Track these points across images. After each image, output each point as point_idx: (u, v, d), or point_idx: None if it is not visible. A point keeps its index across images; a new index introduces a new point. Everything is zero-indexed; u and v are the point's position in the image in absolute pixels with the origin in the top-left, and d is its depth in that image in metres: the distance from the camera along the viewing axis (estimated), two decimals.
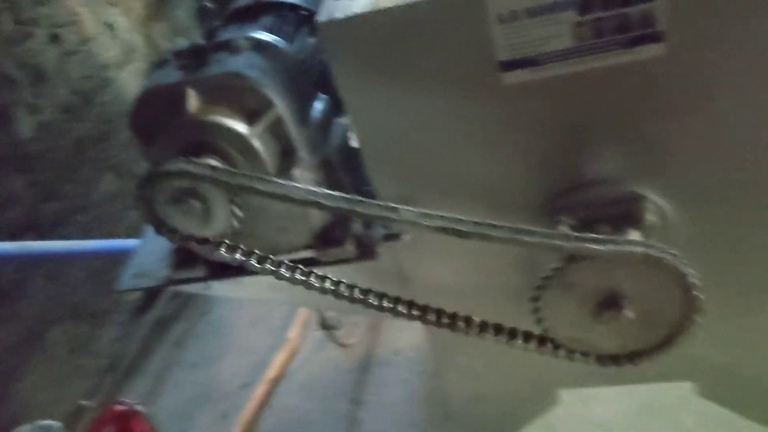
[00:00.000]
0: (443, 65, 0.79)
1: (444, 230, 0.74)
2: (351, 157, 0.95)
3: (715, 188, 0.84)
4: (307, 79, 0.93)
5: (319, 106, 0.91)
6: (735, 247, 0.88)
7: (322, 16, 0.79)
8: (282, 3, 1.03)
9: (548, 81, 0.78)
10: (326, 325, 1.71)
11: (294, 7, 1.03)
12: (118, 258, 1.39)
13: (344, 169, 0.93)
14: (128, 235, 2.22)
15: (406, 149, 0.87)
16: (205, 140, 0.82)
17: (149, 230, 1.13)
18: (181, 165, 0.75)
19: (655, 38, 0.73)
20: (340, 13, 0.78)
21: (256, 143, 0.83)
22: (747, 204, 0.85)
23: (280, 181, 0.75)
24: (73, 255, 1.69)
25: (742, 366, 1.02)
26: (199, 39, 0.96)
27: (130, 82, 2.39)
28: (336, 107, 0.92)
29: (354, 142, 0.93)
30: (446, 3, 0.75)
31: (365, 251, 0.92)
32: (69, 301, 1.99)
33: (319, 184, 0.91)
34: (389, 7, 0.76)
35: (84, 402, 1.52)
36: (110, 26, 2.32)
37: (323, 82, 0.93)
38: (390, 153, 0.88)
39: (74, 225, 2.03)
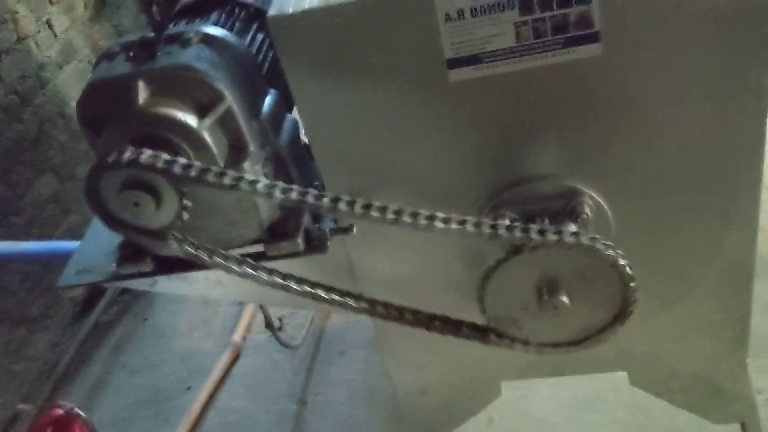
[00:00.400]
0: (392, 61, 0.82)
1: (396, 222, 0.76)
2: (301, 152, 0.96)
3: (644, 183, 0.89)
4: (258, 73, 0.94)
5: (269, 100, 0.92)
6: (660, 241, 0.94)
7: (272, 10, 0.80)
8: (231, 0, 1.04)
9: (491, 78, 0.81)
10: (271, 327, 1.71)
11: (243, 5, 1.04)
12: (55, 261, 1.36)
13: (294, 163, 0.94)
14: (66, 239, 2.17)
15: (354, 143, 0.89)
16: (155, 132, 0.82)
17: (92, 228, 1.12)
18: (129, 155, 0.75)
19: (591, 39, 0.78)
20: (290, 8, 0.80)
21: (206, 136, 0.84)
22: (672, 199, 0.90)
23: (229, 172, 0.76)
24: (8, 257, 1.64)
25: (667, 355, 1.08)
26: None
27: (70, 82, 2.33)
28: (286, 102, 0.94)
29: (304, 137, 0.94)
30: (396, 1, 0.78)
31: (315, 245, 0.93)
32: (3, 306, 1.93)
33: (269, 178, 0.92)
34: (340, 3, 0.78)
35: (22, 406, 1.48)
36: (49, 25, 2.27)
37: (274, 77, 0.94)
38: (339, 147, 0.90)
39: (8, 227, 1.97)
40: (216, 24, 0.99)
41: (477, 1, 0.76)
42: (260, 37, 0.99)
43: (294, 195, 0.76)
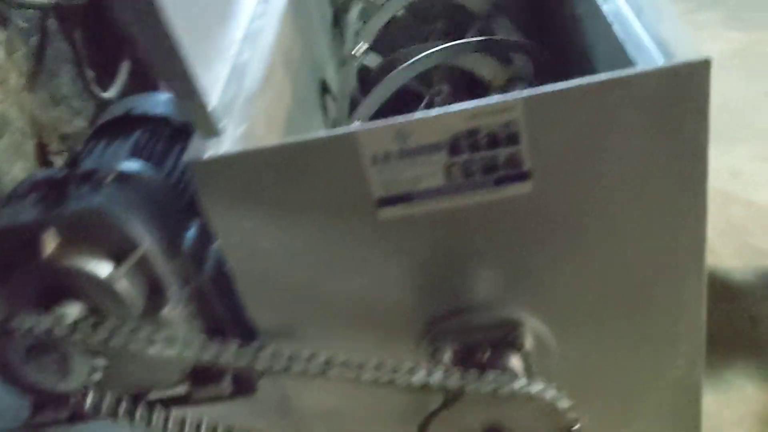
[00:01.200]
0: (319, 202, 0.78)
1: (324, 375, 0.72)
2: (226, 283, 0.91)
3: (585, 310, 0.86)
4: (179, 205, 0.89)
5: (191, 233, 0.87)
6: (605, 364, 0.91)
7: (190, 153, 0.76)
8: (153, 117, 0.99)
9: (423, 215, 0.78)
10: None
11: (166, 121, 0.99)
12: None
13: (219, 297, 0.89)
14: None
15: (283, 281, 0.85)
16: (64, 285, 0.76)
17: None
18: (30, 321, 0.69)
19: (521, 177, 0.75)
20: (210, 151, 0.75)
21: (120, 287, 0.78)
22: (614, 324, 0.87)
23: (142, 331, 0.71)
24: None
25: None
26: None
27: (2, 158, 2.24)
28: (210, 232, 0.88)
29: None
30: (322, 145, 0.74)
31: (243, 386, 0.88)
32: None
33: (192, 317, 0.86)
34: (261, 148, 0.74)
35: None
36: None
37: (196, 206, 0.89)
38: (266, 285, 0.85)
39: None
40: (137, 145, 0.94)
41: (404, 144, 0.73)
42: (183, 160, 0.94)
43: (208, 355, 0.71)
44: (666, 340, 0.88)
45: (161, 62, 0.66)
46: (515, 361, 0.85)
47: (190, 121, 0.74)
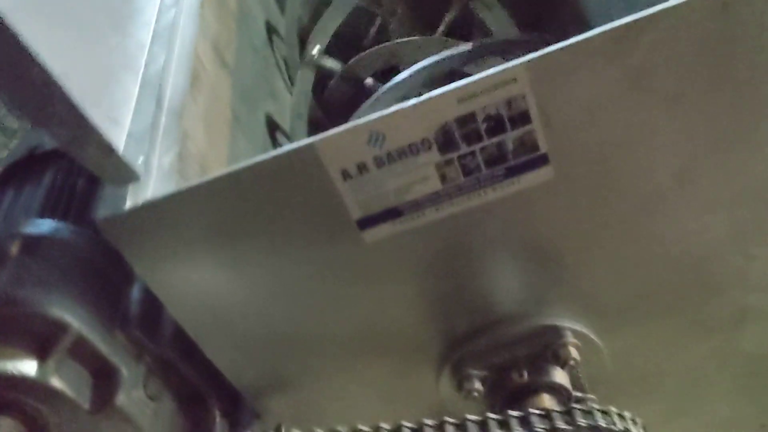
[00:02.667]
0: (287, 234, 0.61)
1: None
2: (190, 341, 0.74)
3: (633, 305, 0.70)
4: (115, 260, 0.71)
5: (136, 293, 0.69)
6: (664, 360, 0.75)
7: (102, 208, 0.58)
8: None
9: (421, 229, 0.61)
10: None
11: None
12: None
13: (187, 359, 0.72)
14: None
15: (256, 333, 0.68)
16: None
17: None
18: None
19: (540, 162, 0.58)
20: (129, 201, 0.57)
21: (54, 381, 0.61)
22: (671, 313, 0.71)
23: None
24: None
25: None
26: None
27: None
28: None
29: None
30: (274, 166, 0.56)
31: None
32: None
33: (160, 394, 0.70)
34: (199, 184, 0.56)
35: None
36: None
37: None
38: (237, 342, 0.69)
39: None
40: (50, 192, 0.76)
41: (380, 149, 0.55)
42: None
43: None
44: (733, 319, 0.73)
45: (28, 99, 0.48)
46: (561, 377, 0.69)
47: (94, 172, 0.55)
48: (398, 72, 0.87)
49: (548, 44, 0.51)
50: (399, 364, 0.73)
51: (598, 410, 0.62)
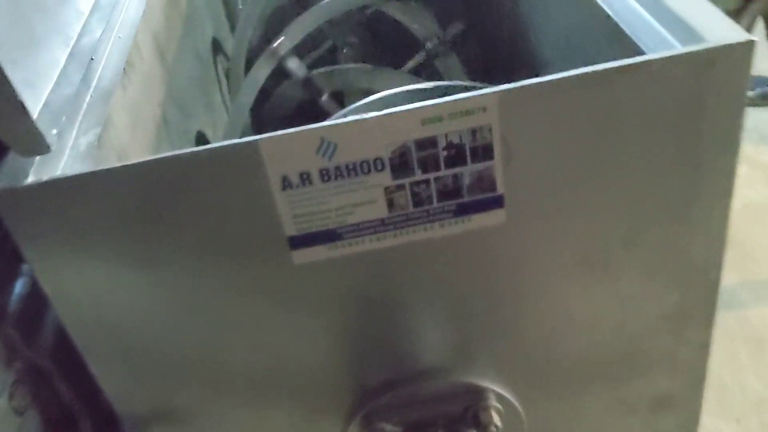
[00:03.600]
0: (205, 239, 0.54)
1: None
2: (76, 355, 0.65)
3: (562, 375, 0.66)
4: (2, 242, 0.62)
5: (19, 289, 0.60)
6: None
7: (1, 178, 0.50)
8: None
9: (355, 257, 0.56)
10: None
11: None
12: None
13: (64, 371, 0.63)
14: None
15: (153, 349, 0.60)
16: None
17: None
18: None
19: (494, 203, 0.54)
20: (32, 176, 0.50)
21: None
22: (596, 389, 0.68)
23: None
24: None
25: None
26: None
27: None
28: None
29: None
30: (203, 161, 0.50)
31: None
32: None
33: (26, 407, 0.60)
34: (116, 167, 0.49)
35: None
36: None
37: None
38: (127, 355, 0.60)
39: None
40: None
41: (329, 161, 0.50)
42: None
43: None
44: (655, 403, 0.70)
45: None
46: None
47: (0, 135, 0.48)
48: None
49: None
50: (305, 409, 0.67)
51: None
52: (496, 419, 0.63)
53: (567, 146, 0.52)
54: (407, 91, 0.67)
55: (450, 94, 0.50)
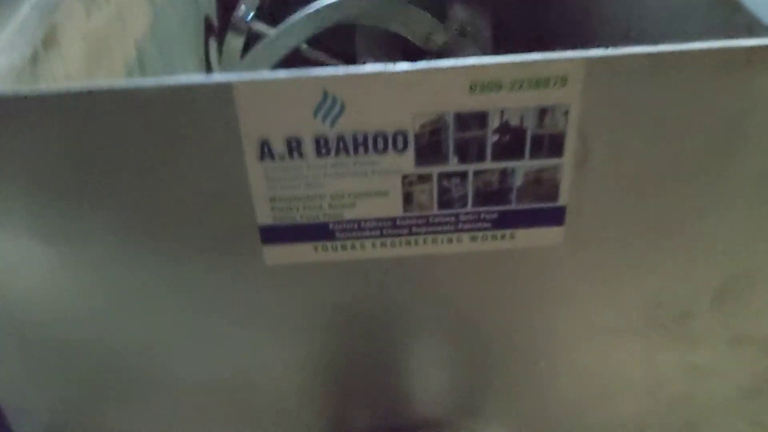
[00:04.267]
0: (150, 212, 0.39)
1: None
2: None
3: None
4: None
5: None
6: None
7: None
8: None
9: (347, 265, 0.40)
10: None
11: None
12: None
13: None
14: None
15: (78, 344, 0.45)
16: None
17: None
18: None
19: (553, 217, 0.39)
20: None
21: None
22: None
23: None
24: None
25: None
26: None
27: None
28: None
29: None
30: (155, 98, 0.34)
31: None
32: None
33: None
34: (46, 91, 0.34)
35: None
36: None
37: None
38: (34, 354, 0.45)
39: None
40: None
41: (330, 126, 0.35)
42: None
43: None
44: None
45: None
46: None
47: None
48: None
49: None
50: None
51: None
52: None
53: (668, 153, 0.37)
54: None
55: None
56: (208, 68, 0.99)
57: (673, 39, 0.56)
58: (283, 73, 0.33)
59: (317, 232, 0.39)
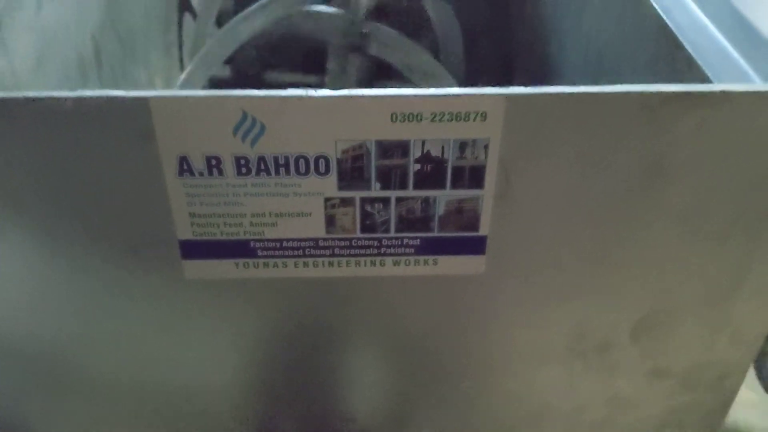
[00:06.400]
0: (70, 211, 0.38)
1: None
2: None
3: None
4: None
5: None
6: None
7: None
8: None
9: (272, 283, 0.40)
10: None
11: None
12: None
13: None
14: None
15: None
16: None
17: None
18: None
19: (473, 247, 0.39)
20: None
21: None
22: None
23: None
24: None
25: None
26: None
27: None
28: None
29: None
30: (70, 111, 0.34)
31: None
32: None
33: None
34: None
35: None
36: None
37: None
38: None
39: None
40: None
41: (251, 146, 0.35)
42: None
43: None
44: None
45: None
46: None
47: None
48: None
49: None
50: None
51: None
52: None
53: (589, 189, 0.37)
54: None
55: None
56: (180, 51, 0.98)
57: (625, 65, 0.56)
58: (201, 92, 0.33)
59: (238, 250, 0.39)
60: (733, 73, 0.39)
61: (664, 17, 0.46)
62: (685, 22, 0.45)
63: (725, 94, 0.34)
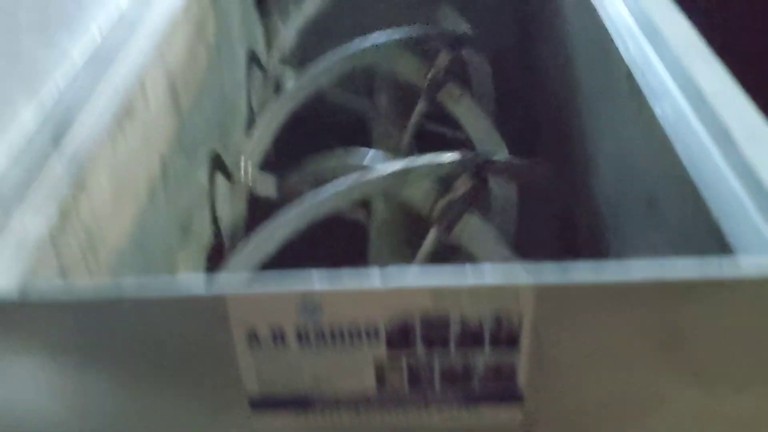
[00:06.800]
0: (160, 381, 0.44)
1: None
2: None
3: None
4: None
5: None
6: None
7: None
8: None
9: (326, 429, 0.45)
10: None
11: None
12: None
13: None
14: None
15: None
16: None
17: None
18: None
19: (510, 398, 0.43)
20: None
21: None
22: None
23: None
24: None
25: None
26: None
27: None
28: None
29: None
30: (154, 307, 0.39)
31: None
32: None
33: None
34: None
35: None
36: None
37: None
38: None
39: None
40: None
41: (311, 323, 0.40)
42: None
43: None
44: None
45: None
46: None
47: None
48: None
49: None
50: None
51: None
52: None
53: (619, 352, 0.40)
54: None
55: None
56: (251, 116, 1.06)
57: (601, 102, 0.62)
58: (267, 288, 0.38)
59: (298, 403, 0.43)
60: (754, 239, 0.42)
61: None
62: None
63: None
